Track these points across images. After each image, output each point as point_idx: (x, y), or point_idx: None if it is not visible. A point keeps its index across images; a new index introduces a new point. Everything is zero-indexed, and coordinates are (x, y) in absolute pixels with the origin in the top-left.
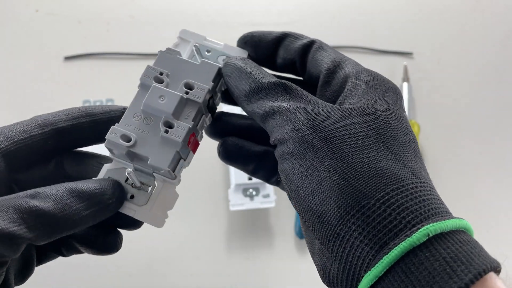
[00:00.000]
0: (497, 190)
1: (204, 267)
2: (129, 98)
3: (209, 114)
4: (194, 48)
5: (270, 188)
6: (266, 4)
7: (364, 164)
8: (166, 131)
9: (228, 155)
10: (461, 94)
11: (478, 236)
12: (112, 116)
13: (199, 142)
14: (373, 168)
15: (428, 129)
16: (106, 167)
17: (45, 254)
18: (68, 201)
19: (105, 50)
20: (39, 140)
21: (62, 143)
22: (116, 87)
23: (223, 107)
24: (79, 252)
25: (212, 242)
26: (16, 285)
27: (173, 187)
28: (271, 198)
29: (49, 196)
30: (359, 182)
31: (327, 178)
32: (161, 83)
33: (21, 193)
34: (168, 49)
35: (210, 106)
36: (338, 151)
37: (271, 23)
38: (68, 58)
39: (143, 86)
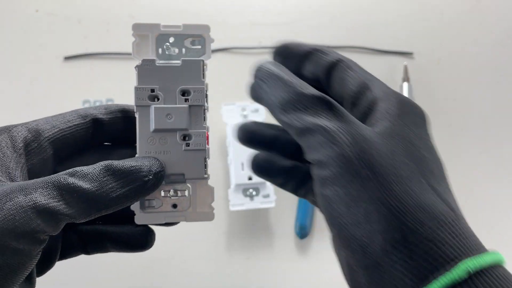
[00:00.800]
0: (497, 190)
1: (204, 267)
2: (129, 98)
3: (207, 104)
4: (164, 43)
5: (270, 188)
6: (266, 4)
7: (410, 198)
8: (188, 144)
9: (259, 170)
10: (461, 94)
11: (478, 236)
12: None
13: (208, 133)
14: (418, 202)
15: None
16: None
17: (68, 250)
18: (105, 179)
19: (105, 50)
20: (81, 129)
21: (101, 135)
22: (116, 87)
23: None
24: (105, 251)
25: (212, 242)
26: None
27: (206, 182)
28: (271, 198)
29: (86, 174)
30: (406, 217)
31: (374, 211)
32: (157, 100)
33: (60, 172)
34: (144, 61)
35: (207, 97)
36: (384, 182)
37: (271, 23)
38: (68, 58)
39: (141, 108)
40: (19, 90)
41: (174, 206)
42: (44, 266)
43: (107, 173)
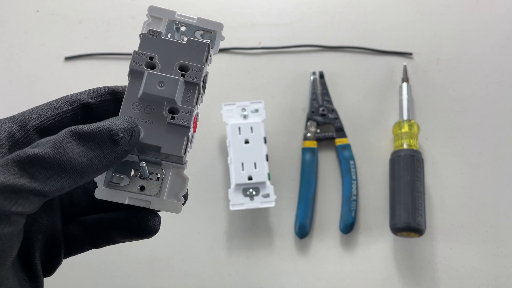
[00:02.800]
0: (497, 190)
1: (204, 267)
2: None
3: (203, 93)
4: (174, 26)
5: (270, 188)
6: (266, 4)
7: None
8: (172, 118)
9: None
10: (460, 94)
11: (478, 236)
12: None
13: (197, 123)
14: None
15: (428, 129)
16: None
17: (75, 244)
18: (70, 144)
19: (106, 50)
20: (70, 115)
21: (91, 120)
22: None
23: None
24: (113, 242)
25: (212, 242)
26: (44, 276)
27: (181, 171)
28: (271, 198)
29: (48, 141)
30: None
31: None
32: (153, 68)
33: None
34: (151, 31)
35: (204, 84)
36: None
37: (271, 23)
38: (68, 59)
39: (134, 73)
40: (19, 90)
41: (142, 188)
42: (51, 263)
43: (73, 137)
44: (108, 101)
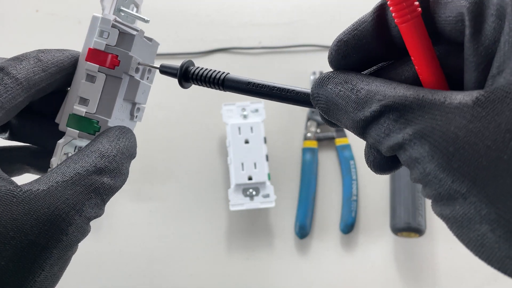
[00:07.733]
0: None
1: (204, 267)
2: None
3: None
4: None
5: (270, 188)
6: (266, 4)
7: None
8: (136, 116)
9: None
10: None
11: None
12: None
13: None
14: None
15: None
16: (59, 143)
17: None
18: (123, 167)
19: None
20: (23, 101)
21: (41, 100)
22: None
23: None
24: (23, 173)
25: (212, 242)
26: None
27: None
28: (271, 198)
29: (118, 174)
30: None
31: (489, 233)
32: (137, 73)
33: (87, 167)
34: (141, 31)
35: None
36: (492, 192)
37: (271, 23)
38: None
39: (126, 76)
40: None
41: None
42: None
43: (124, 160)
44: (57, 80)
